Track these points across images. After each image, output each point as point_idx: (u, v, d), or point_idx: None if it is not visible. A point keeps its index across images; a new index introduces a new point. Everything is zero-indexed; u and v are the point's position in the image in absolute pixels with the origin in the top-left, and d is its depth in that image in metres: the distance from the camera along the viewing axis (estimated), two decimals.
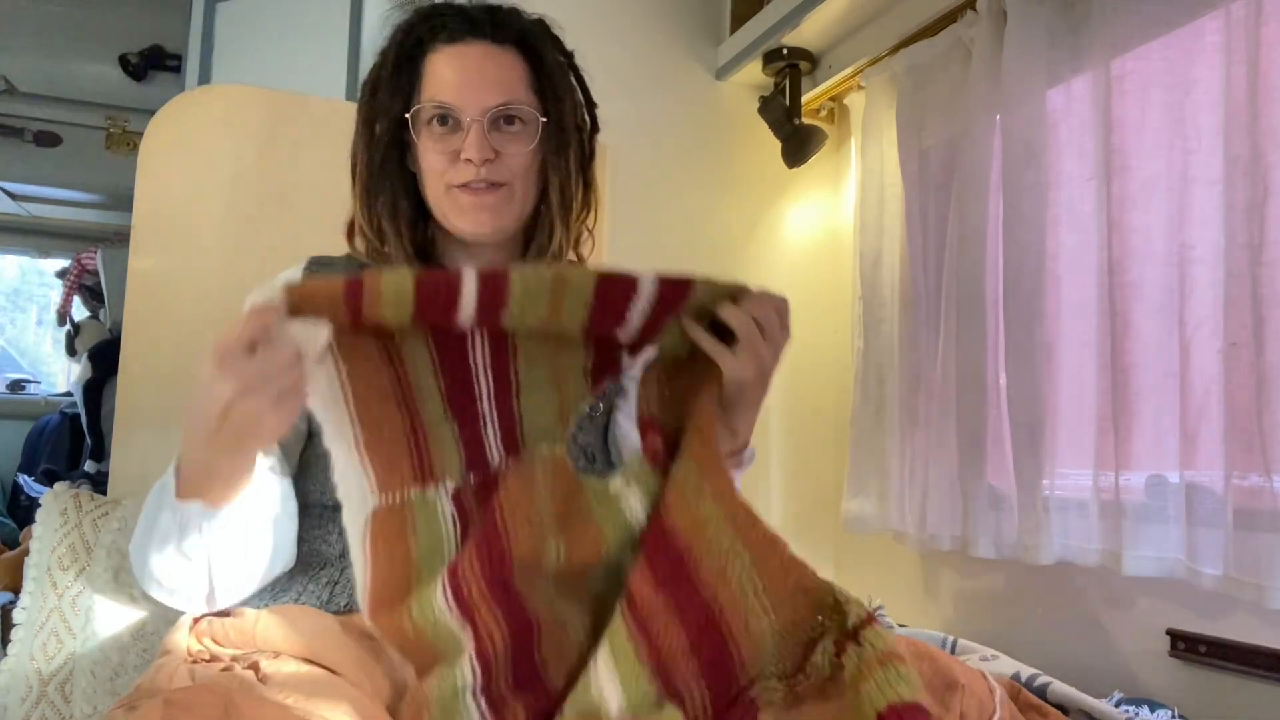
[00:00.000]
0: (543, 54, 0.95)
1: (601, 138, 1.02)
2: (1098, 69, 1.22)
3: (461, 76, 0.91)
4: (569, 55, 1.00)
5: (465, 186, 0.92)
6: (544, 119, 0.94)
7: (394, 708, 0.75)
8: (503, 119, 0.92)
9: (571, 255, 1.03)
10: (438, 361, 0.71)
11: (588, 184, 1.01)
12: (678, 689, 0.66)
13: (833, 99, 1.83)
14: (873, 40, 1.63)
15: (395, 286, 0.65)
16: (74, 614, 1.11)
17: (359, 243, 0.97)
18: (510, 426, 0.75)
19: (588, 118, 1.01)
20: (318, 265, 0.98)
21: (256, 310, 0.63)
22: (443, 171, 0.92)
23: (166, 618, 1.09)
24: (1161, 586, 1.17)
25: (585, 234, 1.03)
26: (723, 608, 0.65)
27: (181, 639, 0.81)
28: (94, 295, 3.16)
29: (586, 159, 1.01)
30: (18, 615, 1.11)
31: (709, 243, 1.82)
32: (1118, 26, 1.19)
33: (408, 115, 0.92)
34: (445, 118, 0.91)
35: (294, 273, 0.96)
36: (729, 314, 0.74)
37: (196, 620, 0.84)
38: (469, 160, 0.90)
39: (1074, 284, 1.27)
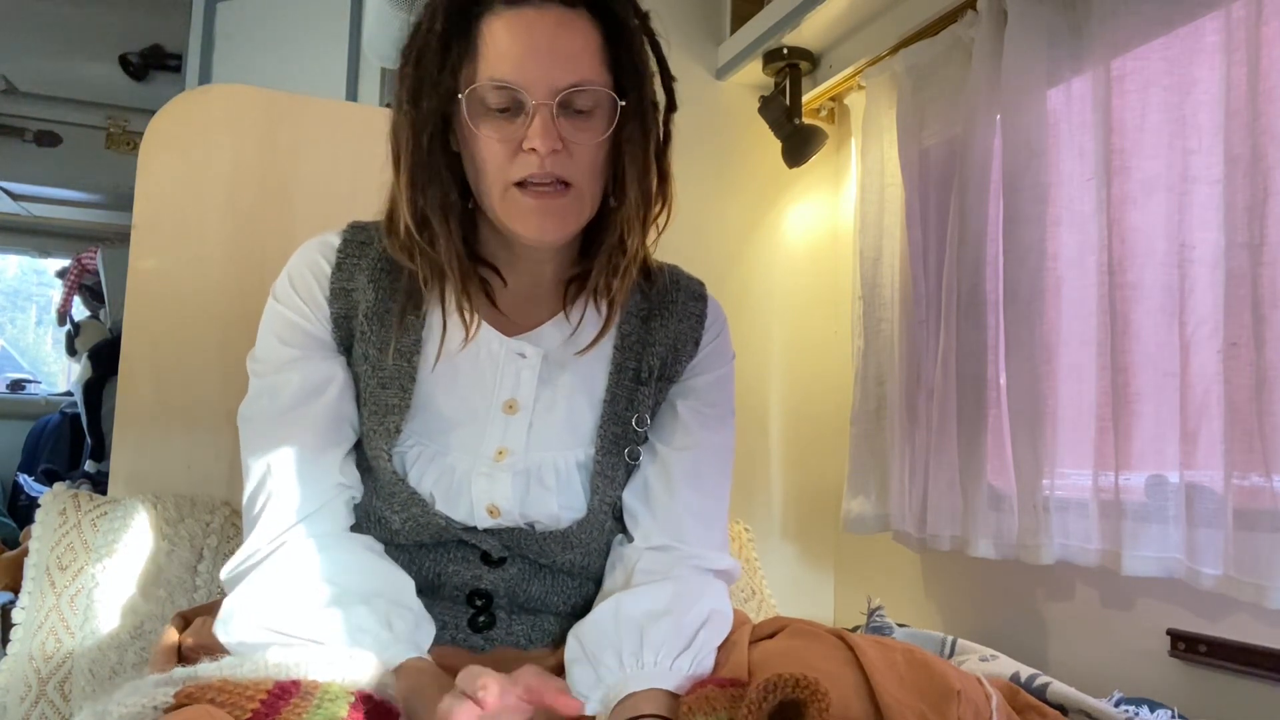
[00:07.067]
0: (621, 17, 0.81)
1: None
2: (1098, 69, 1.22)
3: (527, 49, 0.76)
4: (644, 16, 0.85)
5: (525, 185, 0.79)
6: (622, 102, 0.80)
7: None
8: (574, 103, 0.78)
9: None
10: None
11: (663, 175, 0.87)
12: None
13: (833, 99, 1.83)
14: (873, 40, 1.63)
15: None
16: (73, 613, 1.11)
17: (399, 241, 0.83)
18: None
19: (663, 94, 0.87)
20: (356, 230, 0.89)
21: None
22: (502, 165, 0.79)
23: (164, 616, 1.09)
24: (1161, 586, 1.16)
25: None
26: None
27: (171, 639, 0.80)
28: (94, 295, 3.16)
29: (662, 146, 0.87)
30: (17, 615, 1.11)
31: (709, 242, 1.82)
32: (1118, 26, 1.19)
33: (461, 96, 0.78)
34: (507, 102, 0.78)
35: (333, 238, 0.89)
36: None
37: (185, 621, 0.84)
38: (533, 150, 0.77)
39: (1074, 284, 1.27)
